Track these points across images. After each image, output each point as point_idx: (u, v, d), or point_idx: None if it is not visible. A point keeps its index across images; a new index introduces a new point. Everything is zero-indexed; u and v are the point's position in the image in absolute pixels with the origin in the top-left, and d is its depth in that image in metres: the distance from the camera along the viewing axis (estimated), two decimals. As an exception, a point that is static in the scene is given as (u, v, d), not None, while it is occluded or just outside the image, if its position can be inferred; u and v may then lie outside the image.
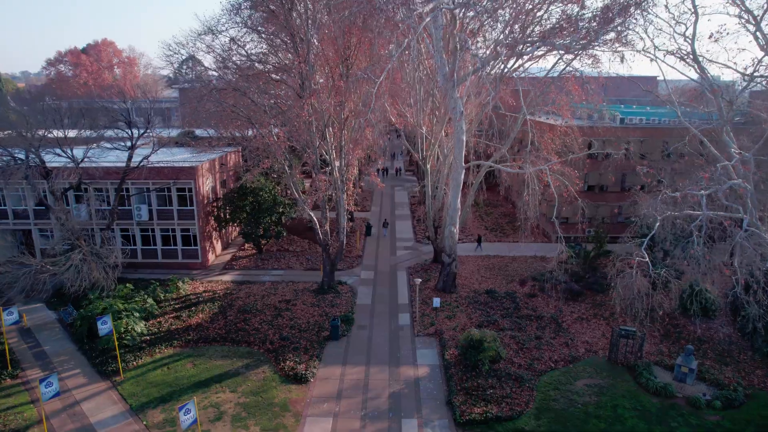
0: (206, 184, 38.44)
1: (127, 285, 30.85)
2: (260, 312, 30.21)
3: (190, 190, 36.73)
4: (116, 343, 23.87)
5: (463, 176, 30.17)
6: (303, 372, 23.83)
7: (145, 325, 27.99)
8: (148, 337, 27.07)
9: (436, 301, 29.15)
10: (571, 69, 34.14)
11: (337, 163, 30.58)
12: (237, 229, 43.65)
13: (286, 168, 29.08)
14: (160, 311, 30.10)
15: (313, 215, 31.57)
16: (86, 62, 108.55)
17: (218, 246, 41.28)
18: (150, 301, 29.77)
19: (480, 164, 35.24)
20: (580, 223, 42.40)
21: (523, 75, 37.55)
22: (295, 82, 27.48)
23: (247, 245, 42.58)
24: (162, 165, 35.70)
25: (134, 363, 24.72)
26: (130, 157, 32.55)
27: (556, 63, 34.71)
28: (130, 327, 26.44)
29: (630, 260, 23.44)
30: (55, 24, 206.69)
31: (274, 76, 28.50)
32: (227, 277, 36.20)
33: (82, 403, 21.71)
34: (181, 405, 17.11)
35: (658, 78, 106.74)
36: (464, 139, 28.58)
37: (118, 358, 23.88)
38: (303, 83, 26.69)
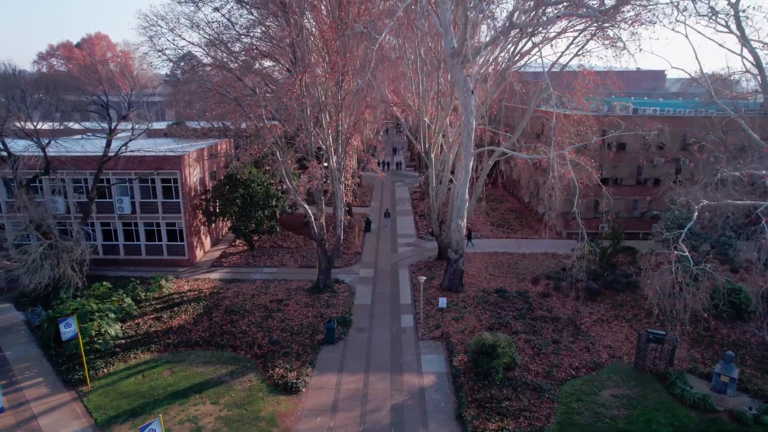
0: (194, 175, 35.79)
1: (104, 283, 28.20)
2: (249, 313, 27.56)
3: (175, 181, 34.07)
4: (82, 349, 21.15)
5: (472, 163, 27.52)
6: (294, 381, 21.17)
7: (121, 327, 25.34)
8: (123, 341, 24.40)
9: (442, 302, 26.50)
10: (583, 53, 31.66)
11: (333, 152, 27.94)
12: (227, 224, 41.02)
13: (277, 154, 26.42)
14: (140, 312, 27.43)
15: (307, 207, 28.91)
16: (79, 56, 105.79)
17: (207, 242, 38.63)
18: (128, 300, 27.11)
19: (492, 150, 32.35)
20: (603, 215, 39.89)
21: (532, 63, 34.91)
22: (286, 56, 24.79)
23: (238, 241, 39.94)
24: (145, 154, 33.02)
25: (105, 370, 22.04)
26: (108, 143, 29.88)
27: (569, 45, 32.08)
28: (103, 329, 23.78)
29: (665, 255, 20.75)
30: (45, 18, 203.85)
31: (262, 48, 25.78)
32: (215, 275, 33.55)
33: (40, 418, 19.03)
34: (144, 424, 14.43)
35: (665, 73, 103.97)
36: (474, 121, 25.92)
37: (85, 366, 21.20)
38: (295, 57, 24.00)
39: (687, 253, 18.49)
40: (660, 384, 21.49)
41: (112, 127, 29.77)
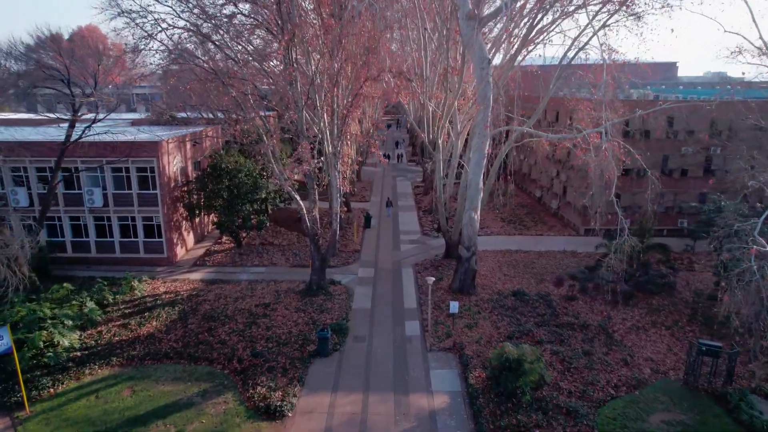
0: (174, 164, 32.13)
1: (65, 285, 24.55)
2: (230, 319, 23.93)
3: (152, 170, 30.43)
4: (18, 365, 17.46)
5: (488, 145, 23.90)
6: (278, 403, 17.54)
7: (80, 336, 21.72)
8: (79, 353, 20.75)
9: (454, 306, 22.86)
10: (608, 27, 28.01)
11: (329, 134, 24.31)
12: (214, 218, 37.38)
13: (262, 133, 22.79)
14: (104, 318, 23.79)
15: (298, 198, 25.26)
16: (68, 49, 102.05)
17: (190, 239, 34.97)
18: (91, 305, 23.47)
19: (512, 130, 28.31)
20: (638, 209, 36.32)
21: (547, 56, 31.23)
22: (271, 16, 21.12)
23: (225, 238, 36.28)
24: (116, 139, 29.39)
25: (51, 390, 18.40)
26: (71, 125, 26.25)
27: (589, 23, 28.31)
28: (55, 340, 20.16)
29: (741, 251, 17.09)
30: (32, 9, 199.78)
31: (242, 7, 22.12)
32: (196, 276, 29.91)
33: (-41, 453, 15.45)
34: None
35: (676, 65, 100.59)
36: (491, 95, 22.27)
37: (22, 386, 17.51)
38: (282, 18, 20.33)
39: None
40: (719, 407, 17.87)
41: (76, 108, 26.13)
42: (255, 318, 24.08)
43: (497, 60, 33.59)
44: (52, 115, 29.46)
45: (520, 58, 30.80)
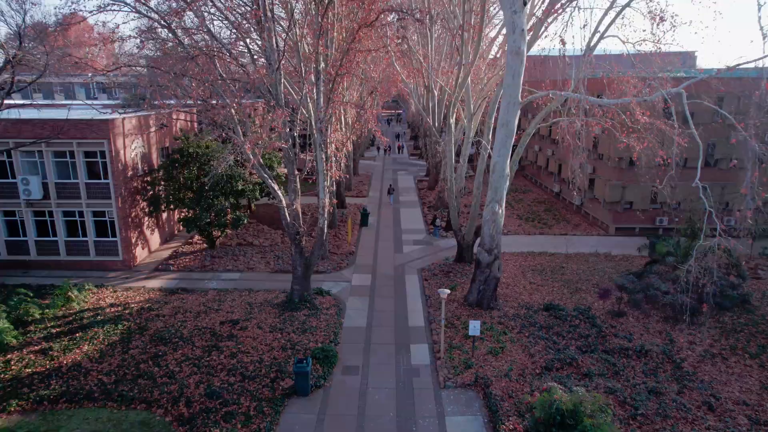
0: (133, 149, 26.78)
1: (-25, 297, 19.25)
2: (186, 341, 18.59)
3: (103, 154, 25.10)
4: None
5: (517, 119, 18.57)
6: (231, 474, 12.23)
7: (-21, 367, 16.40)
8: (-30, 393, 15.44)
9: (474, 327, 17.51)
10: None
11: (311, 101, 18.98)
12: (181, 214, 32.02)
13: (226, 97, 17.46)
14: (22, 340, 18.46)
15: (275, 185, 19.89)
16: (51, 38, 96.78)
17: (155, 238, 29.60)
18: (2, 323, 18.12)
19: (542, 103, 22.58)
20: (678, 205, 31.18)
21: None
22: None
23: (198, 238, 30.94)
24: (55, 117, 24.08)
25: None
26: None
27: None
28: (-63, 375, 14.83)
29: None
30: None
31: None
32: (156, 283, 24.59)
33: None
34: None
35: (695, 54, 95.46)
36: (525, 50, 16.93)
37: None
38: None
39: None
40: None
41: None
42: (218, 340, 18.74)
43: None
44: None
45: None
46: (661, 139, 22.76)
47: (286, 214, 20.65)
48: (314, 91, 18.20)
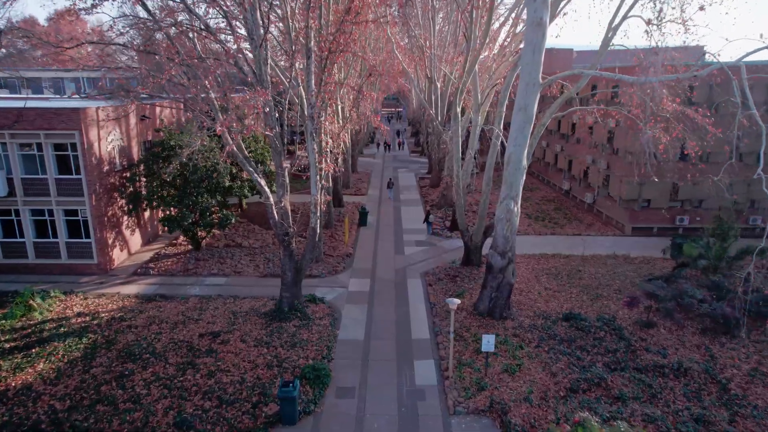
0: (109, 142, 24.43)
1: None
2: (158, 358, 16.26)
3: (74, 147, 22.76)
4: None
5: (537, 103, 16.23)
6: None
7: None
8: None
9: (488, 342, 15.17)
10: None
11: (302, 82, 16.65)
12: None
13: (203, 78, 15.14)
14: (-31, 357, 16.15)
15: (260, 179, 17.57)
16: (42, 33, 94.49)
17: (135, 239, 27.25)
18: (-54, 338, 15.81)
19: (573, 79, 19.99)
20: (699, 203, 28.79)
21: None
22: None
23: (183, 238, 28.60)
24: (21, 106, 21.73)
25: None
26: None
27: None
28: None
29: None
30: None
31: None
32: (132, 289, 22.25)
33: None
34: None
35: (703, 48, 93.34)
36: (547, 20, 14.59)
37: None
38: None
39: None
40: None
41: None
42: (195, 356, 16.41)
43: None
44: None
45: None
46: (691, 128, 20.45)
47: (274, 212, 18.31)
48: (305, 70, 15.86)
